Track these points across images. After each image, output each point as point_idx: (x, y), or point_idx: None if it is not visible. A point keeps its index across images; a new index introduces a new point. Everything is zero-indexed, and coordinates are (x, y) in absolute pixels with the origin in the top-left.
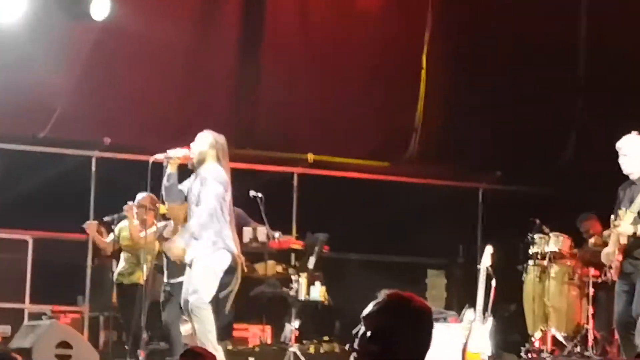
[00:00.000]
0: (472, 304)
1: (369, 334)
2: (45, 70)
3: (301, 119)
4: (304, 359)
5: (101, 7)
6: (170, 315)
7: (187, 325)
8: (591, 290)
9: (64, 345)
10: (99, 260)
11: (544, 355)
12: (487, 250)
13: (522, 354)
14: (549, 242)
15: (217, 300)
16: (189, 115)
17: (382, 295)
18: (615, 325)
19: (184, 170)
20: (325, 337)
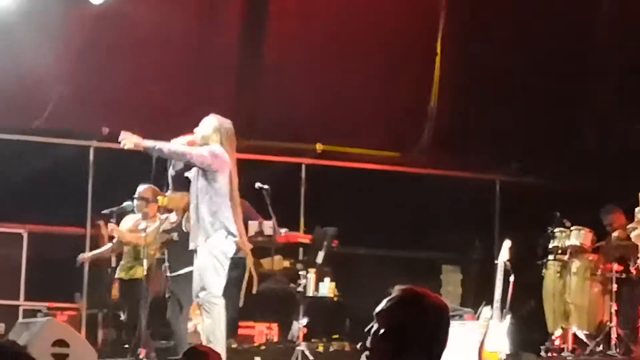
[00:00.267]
0: (489, 300)
1: (382, 331)
2: (39, 56)
3: (309, 107)
4: (312, 358)
5: None
6: (172, 310)
7: (192, 321)
8: (614, 286)
9: (61, 343)
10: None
11: (565, 354)
12: (505, 244)
13: (542, 353)
14: (570, 236)
15: (231, 295)
16: (190, 103)
17: (395, 291)
18: None
19: None
20: (334, 335)
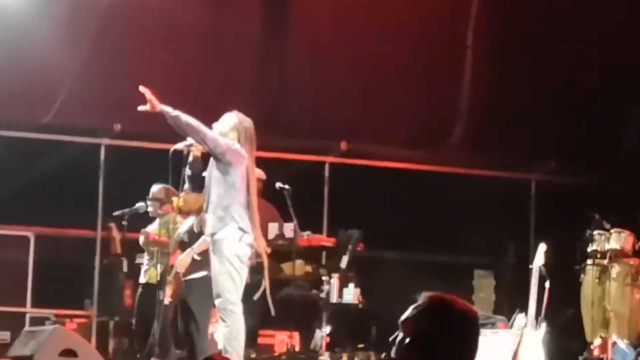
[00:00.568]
0: (524, 307)
1: (408, 340)
2: (48, 49)
3: (333, 102)
4: None
5: None
6: (182, 317)
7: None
8: None
9: (69, 353)
10: (108, 259)
11: None
12: (541, 248)
13: None
14: (610, 239)
15: (250, 302)
16: (208, 98)
17: (422, 298)
18: None
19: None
20: (359, 345)
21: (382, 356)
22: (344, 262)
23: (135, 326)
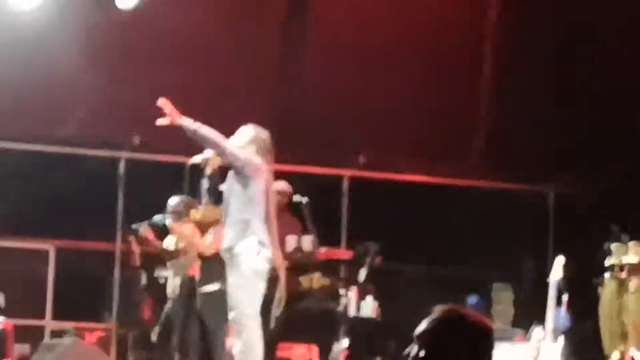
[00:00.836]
0: (542, 321)
1: (422, 354)
2: (67, 63)
3: (352, 115)
4: None
5: None
6: (193, 329)
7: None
8: None
9: None
10: (127, 272)
11: None
12: (558, 261)
13: None
14: (628, 253)
15: (268, 315)
16: (226, 109)
17: (436, 311)
18: None
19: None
20: (377, 358)
21: None
22: (362, 275)
23: (159, 338)
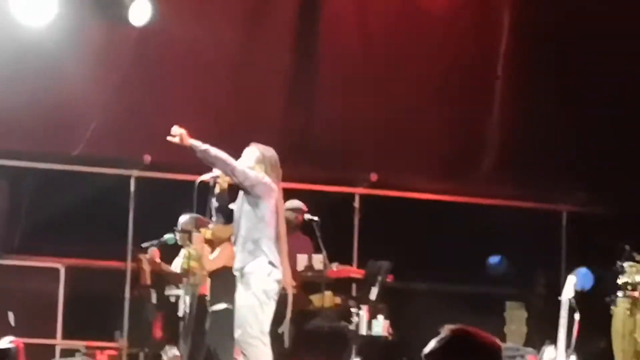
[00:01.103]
0: (554, 340)
1: None
2: (78, 80)
3: (362, 132)
4: None
5: (141, 11)
6: (200, 348)
7: None
8: None
9: None
10: (138, 290)
11: None
12: (570, 279)
13: None
14: None
15: (276, 335)
16: (237, 128)
17: (444, 330)
18: None
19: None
20: None
21: None
22: (374, 293)
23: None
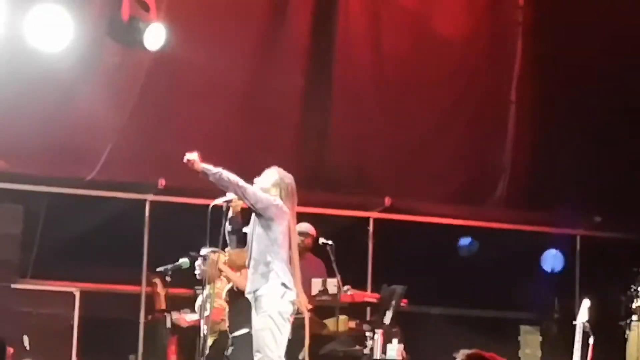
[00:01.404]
0: None
1: None
2: (92, 105)
3: (376, 157)
4: None
5: (155, 35)
6: None
7: None
8: None
9: None
10: (152, 315)
11: None
12: (584, 304)
13: None
14: None
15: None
16: (251, 153)
17: (460, 355)
18: None
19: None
20: None
21: None
22: (388, 317)
23: None
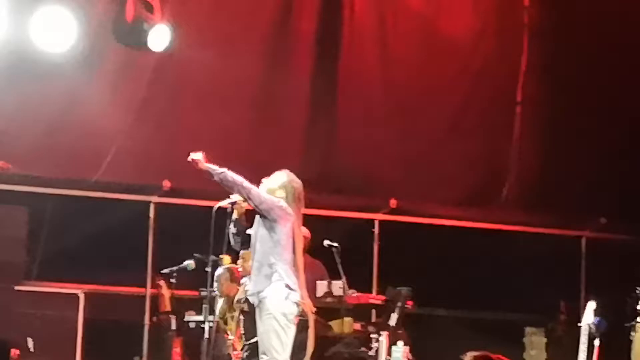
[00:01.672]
0: None
1: None
2: (97, 106)
3: (382, 159)
4: None
5: (160, 36)
6: None
7: None
8: None
9: None
10: (157, 316)
11: None
12: (589, 306)
13: None
14: None
15: None
16: (257, 155)
17: (467, 357)
18: None
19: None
20: None
21: None
22: (393, 319)
23: None
